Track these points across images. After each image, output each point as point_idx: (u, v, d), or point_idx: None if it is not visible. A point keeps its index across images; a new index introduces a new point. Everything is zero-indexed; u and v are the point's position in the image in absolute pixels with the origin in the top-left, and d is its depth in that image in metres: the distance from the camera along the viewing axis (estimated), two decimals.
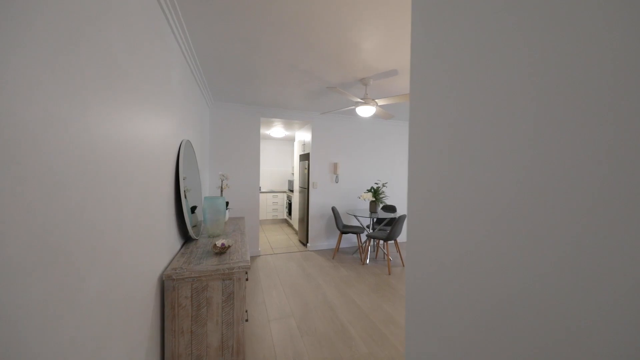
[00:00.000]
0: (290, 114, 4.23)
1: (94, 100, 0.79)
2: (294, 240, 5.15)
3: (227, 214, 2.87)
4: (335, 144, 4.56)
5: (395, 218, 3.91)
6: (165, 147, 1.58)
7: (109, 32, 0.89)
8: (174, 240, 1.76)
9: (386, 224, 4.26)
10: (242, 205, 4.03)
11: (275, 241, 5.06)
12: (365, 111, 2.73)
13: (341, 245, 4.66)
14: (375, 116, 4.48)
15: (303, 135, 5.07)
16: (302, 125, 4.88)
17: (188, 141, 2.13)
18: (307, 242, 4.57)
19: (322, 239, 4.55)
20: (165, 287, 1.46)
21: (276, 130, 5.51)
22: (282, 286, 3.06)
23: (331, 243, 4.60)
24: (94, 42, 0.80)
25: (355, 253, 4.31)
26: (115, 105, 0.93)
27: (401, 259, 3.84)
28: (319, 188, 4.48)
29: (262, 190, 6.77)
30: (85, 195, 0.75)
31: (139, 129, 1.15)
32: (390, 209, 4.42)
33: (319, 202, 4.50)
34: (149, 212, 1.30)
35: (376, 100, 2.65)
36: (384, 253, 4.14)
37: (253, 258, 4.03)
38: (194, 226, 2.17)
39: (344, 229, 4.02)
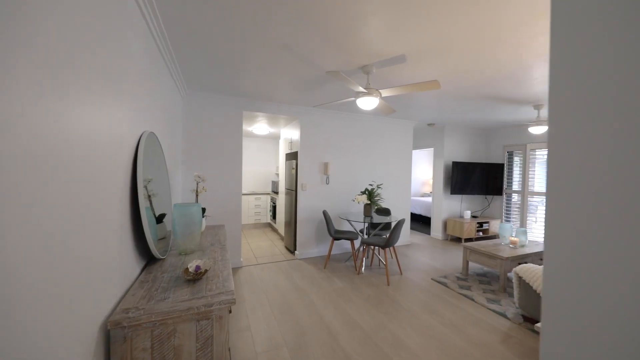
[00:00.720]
0: (276, 108, 3.81)
1: None
2: (279, 247, 4.72)
3: (204, 223, 2.41)
4: (325, 141, 4.20)
5: (390, 222, 3.63)
6: (116, 138, 1.13)
7: None
8: (129, 265, 1.31)
9: (381, 229, 3.97)
10: (222, 211, 3.55)
11: (258, 249, 4.60)
12: (368, 103, 2.40)
13: (332, 252, 4.31)
14: (374, 111, 4.18)
15: (290, 133, 4.66)
16: (289, 121, 4.47)
17: (152, 133, 1.67)
18: (295, 249, 4.17)
19: (311, 245, 4.17)
20: (112, 338, 1.01)
21: (259, 126, 5.05)
22: (270, 305, 2.64)
23: (321, 250, 4.24)
24: None
25: (349, 260, 3.98)
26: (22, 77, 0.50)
27: (399, 267, 3.56)
28: (308, 190, 4.10)
29: (244, 192, 6.25)
30: None
31: (68, 110, 0.71)
32: (385, 212, 4.14)
33: (309, 205, 4.12)
34: (89, 230, 0.86)
35: (380, 90, 2.33)
36: (380, 260, 3.85)
37: (235, 270, 3.56)
38: (161, 239, 1.71)
39: (337, 235, 3.68)
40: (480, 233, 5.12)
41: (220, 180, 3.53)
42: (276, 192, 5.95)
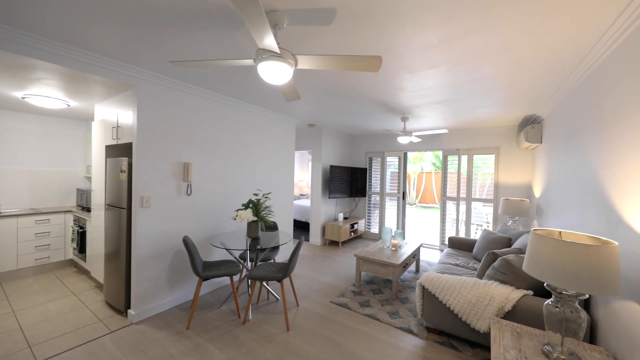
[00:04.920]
0: (84, 60, 2.05)
1: None
2: (94, 305, 2.76)
3: None
4: (185, 132, 2.80)
5: (279, 244, 2.85)
6: None
7: None
8: None
9: (270, 249, 3.11)
10: None
11: (43, 321, 2.45)
12: (276, 73, 1.49)
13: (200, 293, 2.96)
14: (271, 97, 3.18)
15: (113, 112, 2.82)
16: (114, 91, 2.67)
17: None
18: (129, 305, 2.50)
19: (161, 292, 2.65)
20: None
21: (44, 92, 2.77)
22: None
23: (180, 296, 2.79)
24: None
25: (227, 302, 2.82)
26: None
27: (295, 297, 2.84)
28: (155, 206, 2.55)
29: (5, 212, 3.41)
30: None
31: None
32: (271, 227, 3.32)
33: (156, 230, 2.58)
34: None
35: (297, 56, 1.49)
36: (269, 292, 2.98)
37: None
38: None
39: (207, 273, 2.45)
40: (352, 234, 5.38)
41: None
42: (87, 209, 3.64)
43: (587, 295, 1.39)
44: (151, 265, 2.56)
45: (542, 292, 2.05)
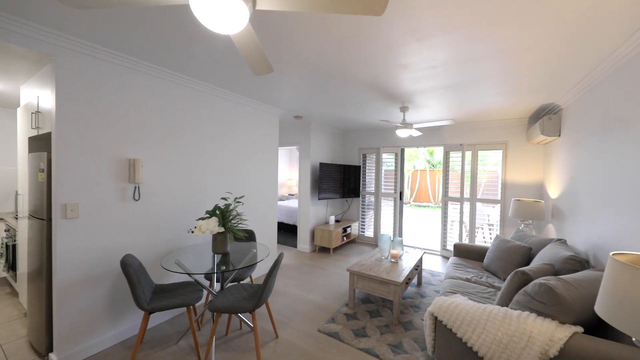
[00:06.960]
0: None
1: None
2: (13, 342, 2.13)
3: None
4: (131, 120, 2.19)
5: (256, 262, 2.28)
6: None
7: None
8: None
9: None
10: None
11: None
12: (223, 11, 0.93)
13: (151, 323, 2.37)
14: (246, 76, 2.59)
15: (35, 93, 2.19)
16: (37, 65, 2.04)
17: None
18: (52, 347, 1.89)
19: (99, 328, 2.04)
20: None
21: None
22: None
23: (127, 329, 2.19)
24: None
25: (186, 336, 2.24)
26: None
27: (273, 325, 2.28)
28: (86, 216, 1.94)
29: None
30: None
31: None
32: (247, 239, 2.74)
33: (89, 247, 1.97)
34: None
35: None
36: (241, 320, 2.40)
37: None
38: None
39: (155, 303, 1.87)
40: (345, 238, 4.85)
41: None
42: (16, 217, 2.97)
43: None
44: (82, 293, 1.95)
45: (592, 325, 1.57)
